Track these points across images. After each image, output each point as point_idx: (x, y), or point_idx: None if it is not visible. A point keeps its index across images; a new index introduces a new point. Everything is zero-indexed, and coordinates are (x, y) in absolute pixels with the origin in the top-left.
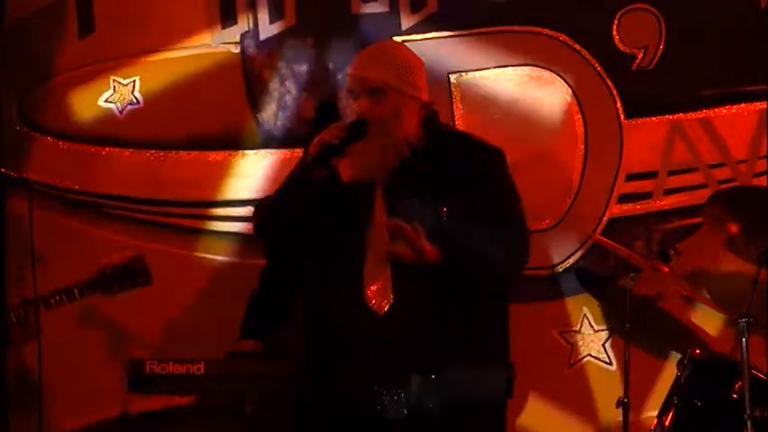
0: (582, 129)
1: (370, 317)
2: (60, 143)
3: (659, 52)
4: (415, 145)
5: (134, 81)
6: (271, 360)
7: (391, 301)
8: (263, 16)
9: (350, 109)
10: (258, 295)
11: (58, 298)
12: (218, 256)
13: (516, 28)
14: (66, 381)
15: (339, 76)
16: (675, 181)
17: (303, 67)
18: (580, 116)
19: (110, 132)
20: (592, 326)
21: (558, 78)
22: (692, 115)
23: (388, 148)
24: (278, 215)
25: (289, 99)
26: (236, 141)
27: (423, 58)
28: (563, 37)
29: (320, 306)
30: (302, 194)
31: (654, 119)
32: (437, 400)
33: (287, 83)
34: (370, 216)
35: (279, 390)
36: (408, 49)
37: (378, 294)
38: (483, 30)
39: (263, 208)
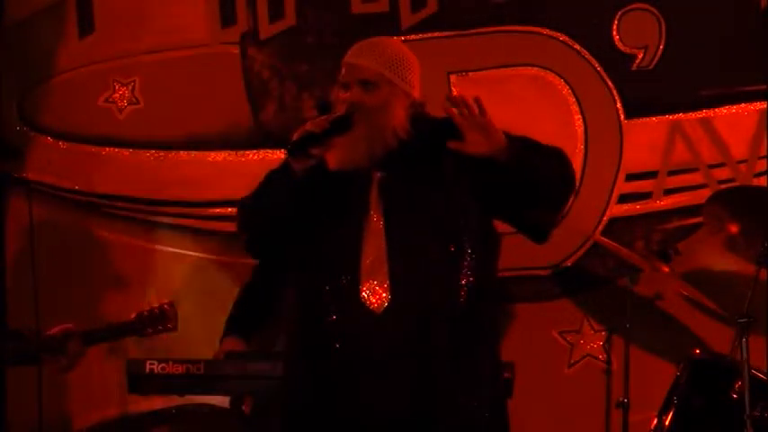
0: (582, 129)
1: (366, 315)
2: (60, 143)
3: (659, 52)
4: (402, 139)
5: (134, 81)
6: (270, 360)
7: (389, 298)
8: (263, 16)
9: (340, 99)
10: (247, 290)
11: (97, 336)
12: (218, 256)
13: (516, 28)
14: (66, 381)
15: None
16: (675, 181)
17: (303, 67)
18: (580, 116)
19: (110, 132)
20: (592, 326)
21: (558, 78)
22: (692, 115)
23: (374, 139)
24: (259, 206)
25: (289, 99)
26: (236, 141)
27: (419, 59)
28: (563, 37)
29: (313, 304)
30: (284, 184)
31: (654, 119)
32: (436, 401)
33: (287, 83)
34: (366, 211)
35: (278, 390)
36: (405, 47)
37: (374, 291)
38: (483, 30)
39: (245, 202)
